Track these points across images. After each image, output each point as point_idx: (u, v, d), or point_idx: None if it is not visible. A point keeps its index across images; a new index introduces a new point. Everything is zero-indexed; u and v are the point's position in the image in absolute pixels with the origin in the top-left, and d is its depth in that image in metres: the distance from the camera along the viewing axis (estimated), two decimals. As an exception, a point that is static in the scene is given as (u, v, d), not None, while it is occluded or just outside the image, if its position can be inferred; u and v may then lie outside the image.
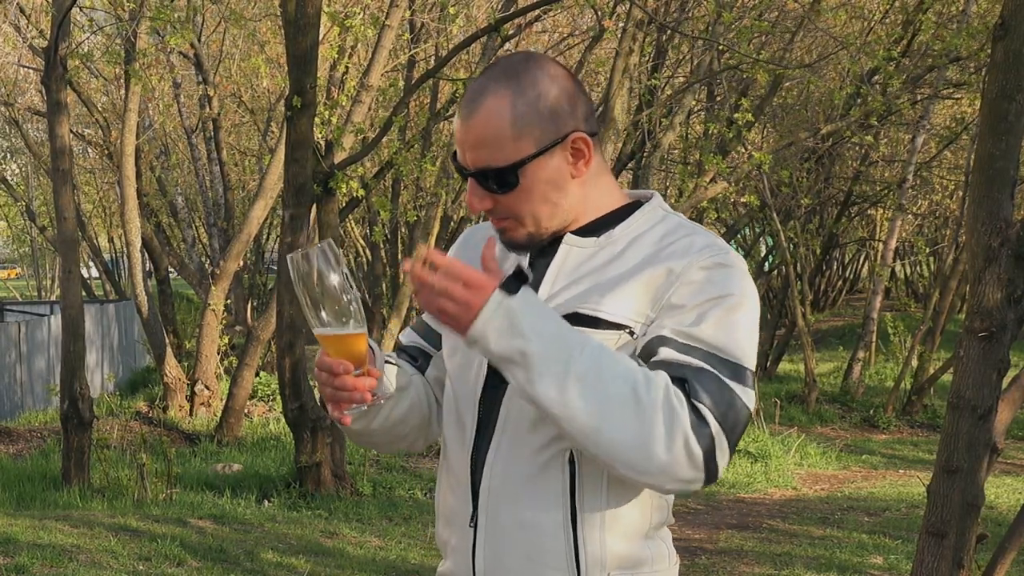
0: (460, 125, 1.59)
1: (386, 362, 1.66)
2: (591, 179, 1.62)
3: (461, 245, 1.78)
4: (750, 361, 1.53)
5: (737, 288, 1.54)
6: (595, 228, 1.63)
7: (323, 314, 1.49)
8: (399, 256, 16.18)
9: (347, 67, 11.41)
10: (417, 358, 1.78)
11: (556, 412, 1.45)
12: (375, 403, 1.57)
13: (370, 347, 1.58)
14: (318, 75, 7.61)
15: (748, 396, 1.51)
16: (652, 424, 1.44)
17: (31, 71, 14.03)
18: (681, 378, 1.48)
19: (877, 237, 19.75)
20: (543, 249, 1.64)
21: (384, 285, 16.48)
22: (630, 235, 1.61)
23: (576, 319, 1.54)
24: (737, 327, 1.52)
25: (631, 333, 1.53)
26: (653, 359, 1.51)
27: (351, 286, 1.50)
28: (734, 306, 1.52)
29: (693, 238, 1.57)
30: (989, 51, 3.24)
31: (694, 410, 1.46)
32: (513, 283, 1.46)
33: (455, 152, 1.62)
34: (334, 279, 1.49)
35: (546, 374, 1.44)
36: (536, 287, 1.60)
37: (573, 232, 1.62)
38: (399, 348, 1.83)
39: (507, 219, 1.61)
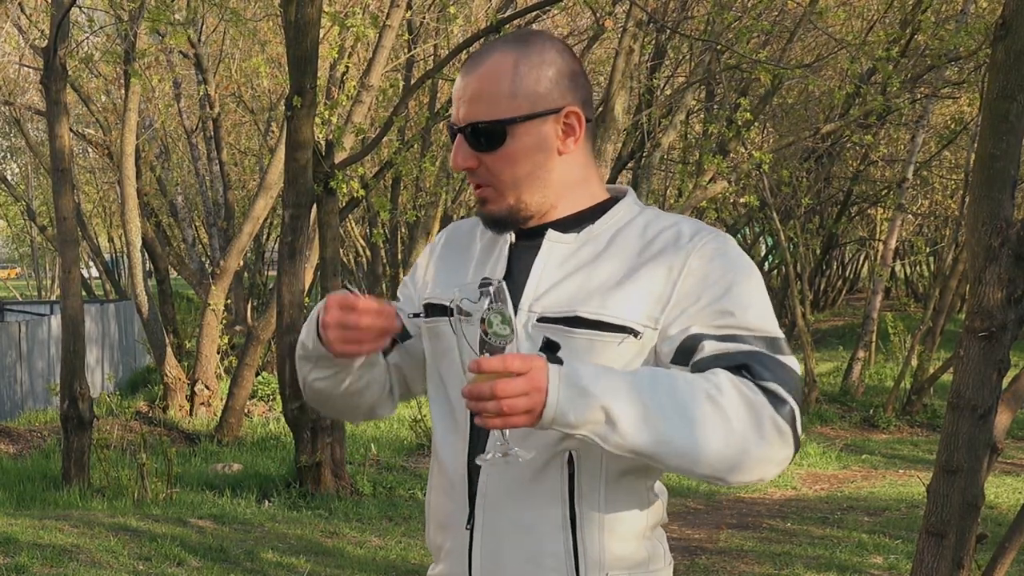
0: (461, 80, 1.58)
1: None
2: (576, 166, 1.60)
3: (444, 245, 1.75)
4: (777, 329, 1.54)
5: (739, 266, 1.55)
6: (573, 223, 1.61)
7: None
8: (399, 256, 16.19)
9: (347, 67, 11.41)
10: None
11: (657, 452, 1.43)
12: (370, 352, 1.59)
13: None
14: (318, 75, 7.61)
15: (793, 362, 1.52)
16: (741, 423, 1.43)
17: (31, 71, 14.02)
18: (739, 365, 1.47)
19: (877, 237, 19.75)
20: (524, 245, 1.61)
21: (384, 285, 16.48)
22: (611, 229, 1.60)
23: (577, 322, 1.52)
24: (754, 303, 1.53)
25: (635, 335, 1.52)
26: (698, 357, 1.50)
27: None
28: (742, 283, 1.53)
29: (679, 227, 1.57)
30: (989, 51, 3.24)
31: (765, 391, 1.45)
32: (554, 354, 1.46)
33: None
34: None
35: (634, 422, 1.40)
36: (522, 284, 1.58)
37: (553, 227, 1.60)
38: None
39: (487, 187, 1.58)
